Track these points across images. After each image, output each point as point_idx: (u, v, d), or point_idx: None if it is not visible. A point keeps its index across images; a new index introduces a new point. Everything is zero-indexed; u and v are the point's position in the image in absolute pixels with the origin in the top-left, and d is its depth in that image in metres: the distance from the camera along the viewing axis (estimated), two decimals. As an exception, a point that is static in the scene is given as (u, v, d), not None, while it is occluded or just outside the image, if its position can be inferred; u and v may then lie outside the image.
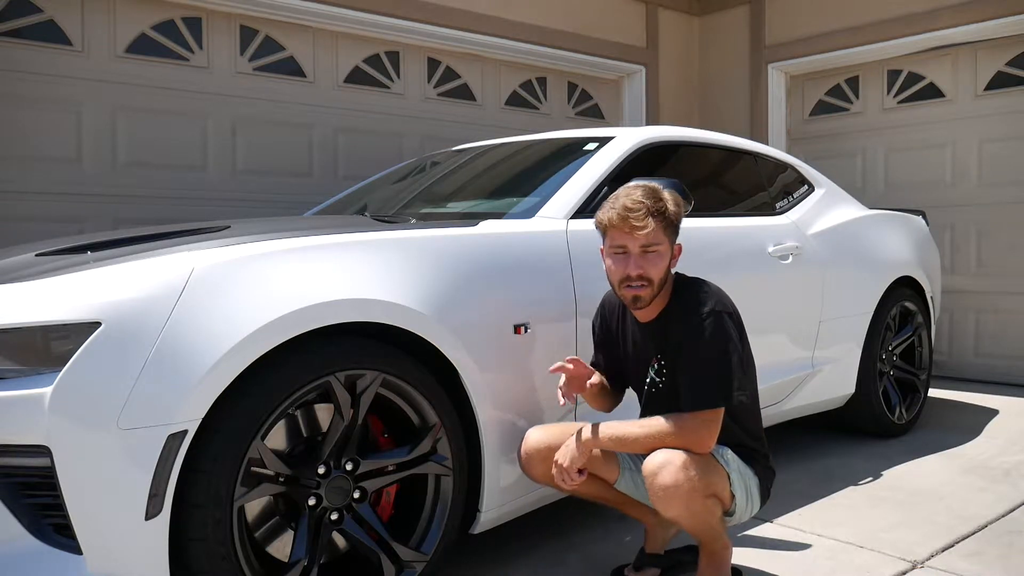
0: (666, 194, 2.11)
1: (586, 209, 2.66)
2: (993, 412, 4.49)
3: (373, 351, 2.03)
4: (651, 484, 1.97)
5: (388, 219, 2.73)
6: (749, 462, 2.17)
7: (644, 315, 2.19)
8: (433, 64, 5.23)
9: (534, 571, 2.40)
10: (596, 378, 2.28)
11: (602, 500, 2.29)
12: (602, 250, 2.16)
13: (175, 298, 1.76)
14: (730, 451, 2.14)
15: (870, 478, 3.28)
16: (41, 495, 1.69)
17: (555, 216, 2.60)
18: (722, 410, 2.03)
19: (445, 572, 2.29)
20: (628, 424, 2.06)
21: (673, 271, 2.22)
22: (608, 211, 2.10)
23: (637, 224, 2.03)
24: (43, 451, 1.65)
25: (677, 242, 2.15)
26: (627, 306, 2.18)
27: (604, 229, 2.12)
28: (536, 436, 2.19)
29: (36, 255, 2.18)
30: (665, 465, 1.96)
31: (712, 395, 2.01)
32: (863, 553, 2.50)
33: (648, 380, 2.20)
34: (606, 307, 2.33)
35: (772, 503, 2.92)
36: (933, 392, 4.88)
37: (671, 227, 2.11)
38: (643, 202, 2.05)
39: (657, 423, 2.02)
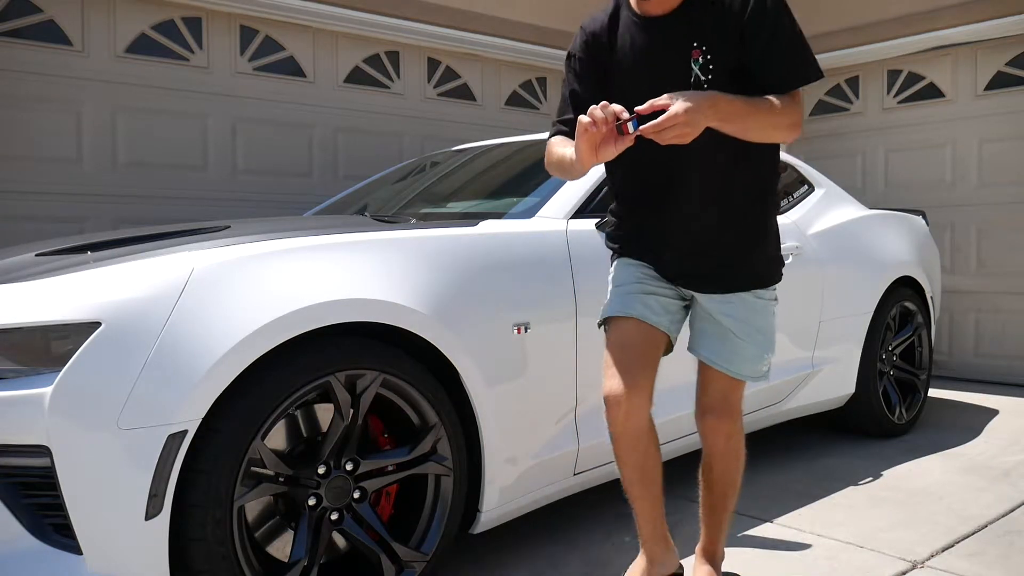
0: None
1: (586, 209, 2.66)
2: (993, 412, 4.49)
3: (373, 351, 2.03)
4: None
5: (388, 219, 2.73)
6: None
7: (660, 5, 1.85)
8: (433, 64, 5.23)
9: (534, 571, 2.40)
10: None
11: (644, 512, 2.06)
12: None
13: (175, 298, 1.76)
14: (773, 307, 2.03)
15: (870, 478, 3.28)
16: (41, 495, 1.69)
17: (555, 216, 2.60)
18: None
19: (445, 572, 2.29)
20: (746, 97, 1.76)
21: None
22: None
23: None
24: (43, 451, 1.65)
25: None
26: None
27: None
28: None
29: (36, 255, 2.18)
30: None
31: (811, 64, 1.82)
32: (863, 553, 2.50)
33: (692, 79, 1.83)
34: (587, 29, 1.97)
35: (772, 503, 2.93)
36: (933, 392, 4.87)
37: None
38: None
39: (769, 100, 1.77)
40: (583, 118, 1.65)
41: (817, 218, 3.67)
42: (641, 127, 1.64)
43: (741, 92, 1.76)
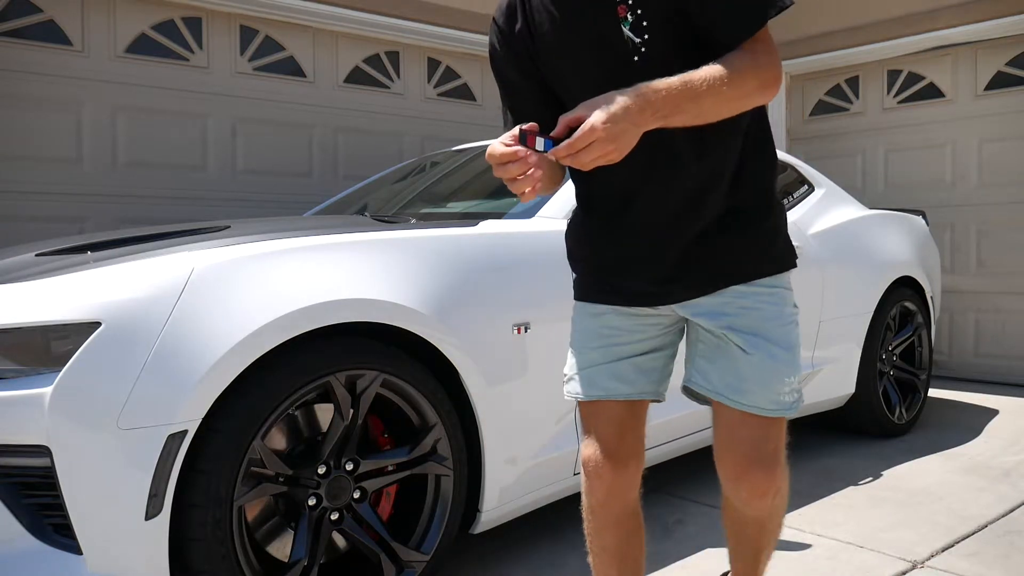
0: None
1: (586, 209, 2.66)
2: (993, 412, 4.49)
3: (373, 351, 2.03)
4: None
5: (388, 219, 2.73)
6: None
7: None
8: (433, 64, 5.23)
9: (534, 571, 2.40)
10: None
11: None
12: None
13: (175, 298, 1.76)
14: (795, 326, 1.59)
15: (870, 478, 3.28)
16: (41, 495, 1.69)
17: (555, 216, 2.60)
18: None
19: (445, 572, 2.29)
20: (688, 74, 1.30)
21: None
22: None
23: None
24: (43, 451, 1.65)
25: None
26: None
27: None
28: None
29: (36, 255, 2.18)
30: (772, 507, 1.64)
31: None
32: (863, 553, 2.50)
33: (628, 44, 1.39)
34: (498, 21, 1.57)
35: (772, 503, 2.93)
36: (933, 392, 4.88)
37: None
38: None
39: (721, 66, 1.31)
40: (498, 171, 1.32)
41: (817, 218, 3.67)
42: (552, 149, 1.27)
43: (691, 52, 1.36)
